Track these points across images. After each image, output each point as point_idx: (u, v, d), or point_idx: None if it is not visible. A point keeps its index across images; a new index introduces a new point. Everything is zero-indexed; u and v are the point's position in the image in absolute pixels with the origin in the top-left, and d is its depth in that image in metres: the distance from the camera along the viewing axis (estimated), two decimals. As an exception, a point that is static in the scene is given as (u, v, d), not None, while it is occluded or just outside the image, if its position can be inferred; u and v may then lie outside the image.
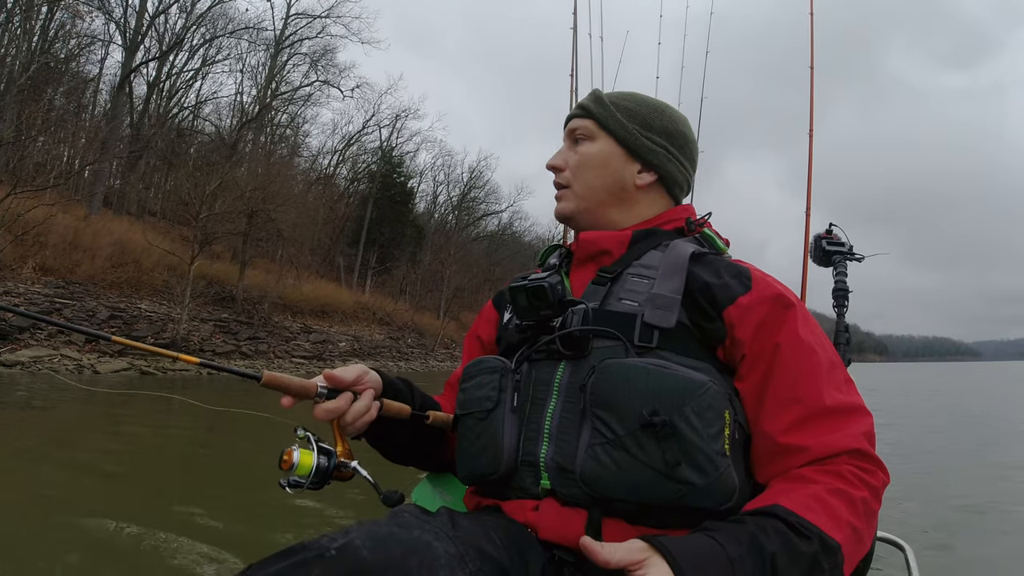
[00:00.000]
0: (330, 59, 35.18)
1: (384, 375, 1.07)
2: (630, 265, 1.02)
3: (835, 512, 0.79)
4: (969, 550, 4.02)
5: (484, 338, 1.21)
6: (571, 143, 1.14)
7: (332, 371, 0.98)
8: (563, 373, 0.95)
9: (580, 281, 1.06)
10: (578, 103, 1.17)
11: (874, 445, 0.88)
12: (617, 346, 0.92)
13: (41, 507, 3.90)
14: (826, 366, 0.91)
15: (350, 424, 0.98)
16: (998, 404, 18.59)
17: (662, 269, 0.99)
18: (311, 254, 33.54)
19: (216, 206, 20.77)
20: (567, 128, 1.16)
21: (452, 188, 47.81)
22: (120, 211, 25.73)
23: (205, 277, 22.34)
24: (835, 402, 0.88)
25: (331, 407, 0.96)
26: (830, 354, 0.94)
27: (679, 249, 1.01)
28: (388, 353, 29.68)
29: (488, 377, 1.01)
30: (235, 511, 4.09)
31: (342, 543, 0.69)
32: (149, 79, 29.38)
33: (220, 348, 19.51)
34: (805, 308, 0.97)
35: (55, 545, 3.25)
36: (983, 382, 36.85)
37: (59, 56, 25.10)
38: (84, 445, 6.10)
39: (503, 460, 0.94)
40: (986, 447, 9.18)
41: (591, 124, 1.12)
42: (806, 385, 0.89)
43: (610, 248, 1.06)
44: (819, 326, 0.98)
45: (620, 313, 0.96)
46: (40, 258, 17.99)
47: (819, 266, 1.91)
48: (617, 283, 1.01)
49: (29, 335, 14.96)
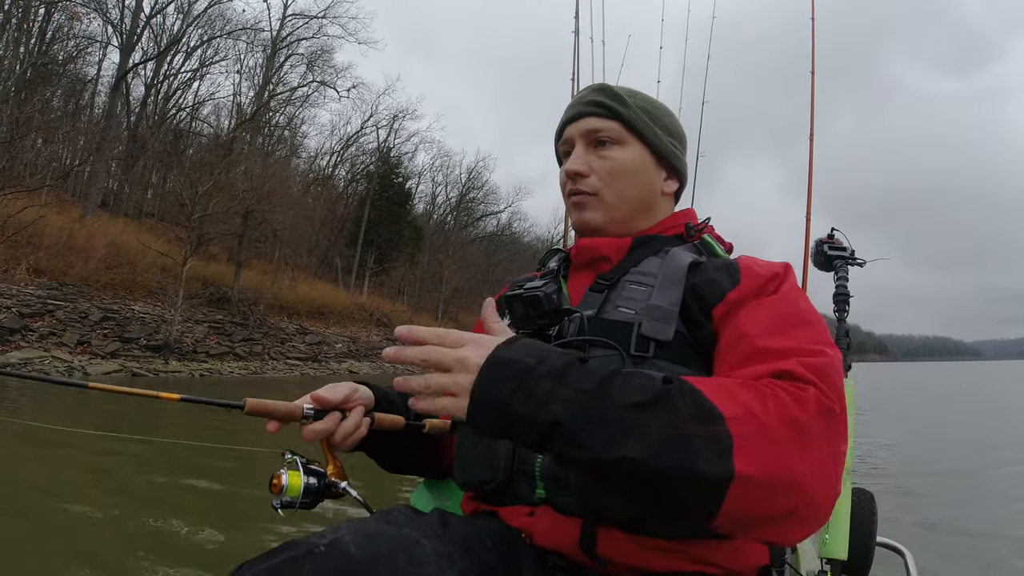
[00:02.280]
0: (327, 60, 35.20)
1: (376, 389, 1.07)
2: (628, 272, 1.01)
3: (729, 391, 0.70)
4: (969, 556, 4.05)
5: None
6: (591, 145, 1.08)
7: (319, 392, 0.98)
8: None
9: (578, 287, 1.05)
10: (590, 99, 1.09)
11: (823, 376, 0.74)
12: (613, 356, 0.89)
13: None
14: (784, 316, 0.85)
15: (340, 443, 0.98)
16: (999, 405, 18.63)
17: (660, 279, 0.96)
18: (309, 255, 33.51)
19: (210, 206, 20.66)
20: (579, 127, 1.08)
21: (451, 189, 47.88)
22: (116, 213, 25.65)
23: (200, 278, 22.26)
24: (776, 344, 0.80)
25: (318, 428, 0.96)
26: (797, 310, 0.87)
27: (678, 259, 0.98)
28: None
29: None
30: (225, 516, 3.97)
31: (331, 539, 0.68)
32: (146, 80, 29.35)
33: (214, 350, 19.38)
34: (794, 281, 0.94)
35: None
36: (984, 382, 36.97)
37: (57, 58, 25.08)
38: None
39: (499, 469, 0.93)
40: (987, 448, 9.16)
41: (619, 127, 1.06)
42: (749, 329, 0.84)
43: (609, 255, 1.04)
44: (806, 298, 0.91)
45: (617, 322, 0.93)
46: (33, 259, 17.89)
47: (820, 271, 1.92)
48: (615, 290, 0.99)
49: (20, 336, 14.84)
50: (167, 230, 25.63)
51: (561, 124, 1.13)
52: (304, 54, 34.51)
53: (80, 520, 3.89)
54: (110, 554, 3.40)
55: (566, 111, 1.13)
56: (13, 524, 3.75)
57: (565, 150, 1.12)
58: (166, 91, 30.77)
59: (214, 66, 32.09)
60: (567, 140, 1.11)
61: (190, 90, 31.91)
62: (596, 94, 1.09)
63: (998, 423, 12.80)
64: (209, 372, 17.71)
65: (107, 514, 4.04)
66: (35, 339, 15.09)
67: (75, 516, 3.96)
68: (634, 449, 0.64)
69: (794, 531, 0.70)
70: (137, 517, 3.98)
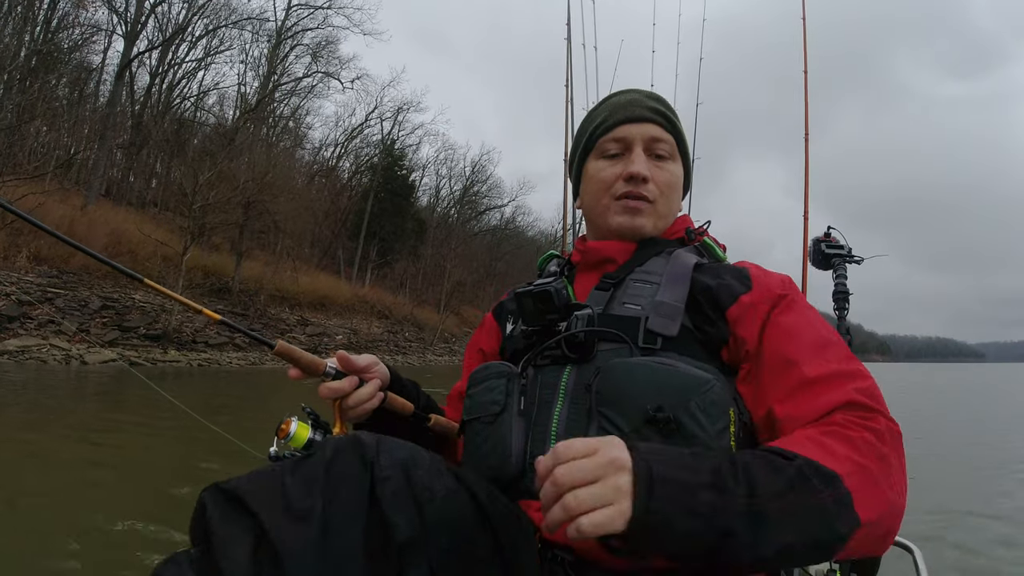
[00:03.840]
0: (332, 51, 35.15)
1: (394, 371, 1.11)
2: (633, 271, 1.03)
3: (829, 448, 0.75)
4: (978, 552, 4.12)
5: (486, 349, 1.21)
6: (649, 154, 1.10)
7: (344, 352, 1.02)
8: (569, 376, 0.95)
9: (584, 287, 1.07)
10: (652, 106, 1.11)
11: (877, 399, 0.84)
12: (622, 348, 0.92)
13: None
14: (815, 341, 0.90)
15: (352, 408, 1.01)
16: (1003, 406, 18.68)
17: (666, 276, 0.99)
18: (311, 247, 33.53)
19: (211, 196, 20.63)
20: (642, 131, 1.09)
21: (454, 182, 47.82)
22: (120, 202, 25.65)
23: (201, 268, 22.25)
24: (821, 371, 0.86)
25: (335, 386, 1.00)
26: (822, 331, 0.92)
27: (683, 258, 1.02)
28: (385, 347, 29.57)
29: (495, 382, 1.01)
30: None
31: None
32: (151, 69, 29.31)
33: (213, 340, 19.36)
34: (802, 297, 0.98)
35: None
36: (986, 384, 37.11)
37: (62, 46, 25.06)
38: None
39: (511, 463, 0.94)
40: (990, 448, 9.21)
41: (674, 143, 1.11)
42: (792, 355, 0.88)
43: (614, 256, 1.07)
44: (817, 313, 0.97)
45: (624, 317, 0.96)
46: (34, 247, 17.88)
47: (819, 269, 1.92)
48: (620, 288, 1.02)
49: (19, 324, 14.83)
50: (169, 219, 25.65)
51: (614, 120, 1.10)
52: (309, 45, 34.52)
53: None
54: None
55: (617, 108, 1.11)
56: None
57: (615, 150, 1.10)
58: (170, 80, 30.77)
59: (219, 56, 32.09)
60: (623, 140, 1.09)
61: (194, 79, 31.96)
62: (656, 102, 1.11)
63: (1006, 421, 12.90)
64: (207, 362, 17.68)
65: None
66: (33, 327, 15.07)
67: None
68: (791, 535, 0.68)
69: (886, 544, 0.77)
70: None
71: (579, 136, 1.18)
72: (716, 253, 1.10)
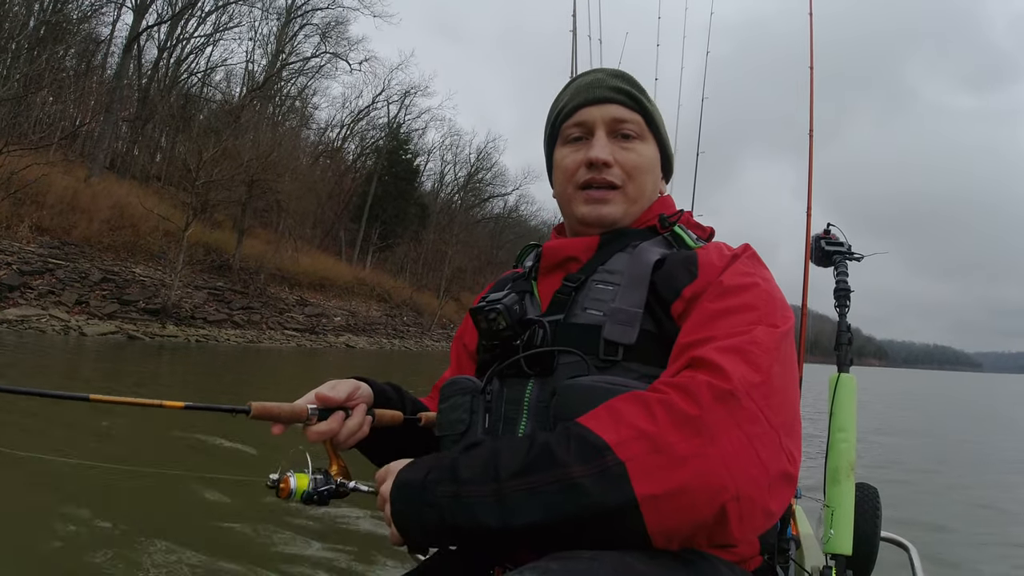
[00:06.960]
0: (341, 31, 34.98)
1: (373, 384, 1.06)
2: (596, 271, 0.98)
3: (618, 414, 0.71)
4: (973, 550, 4.16)
5: (469, 345, 1.18)
6: (614, 136, 1.03)
7: (322, 391, 0.96)
8: (532, 391, 0.92)
9: (547, 289, 1.02)
10: (614, 85, 1.04)
11: (738, 354, 0.74)
12: (581, 362, 0.88)
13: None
14: (718, 312, 0.81)
15: (344, 443, 0.98)
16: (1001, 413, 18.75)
17: (626, 278, 0.94)
18: (313, 227, 33.46)
19: (214, 173, 20.59)
20: (603, 112, 1.03)
21: (459, 168, 47.70)
22: (124, 175, 25.59)
23: (203, 245, 22.24)
24: (696, 336, 0.80)
25: (324, 429, 0.95)
26: (736, 299, 0.83)
27: (644, 256, 0.96)
28: (383, 330, 29.62)
29: (460, 399, 0.98)
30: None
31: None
32: (159, 43, 29.15)
33: (212, 316, 19.39)
34: (747, 264, 0.89)
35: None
36: (980, 394, 37.21)
37: (71, 17, 24.91)
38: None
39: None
40: (990, 450, 9.28)
41: (642, 121, 1.04)
42: (688, 324, 0.83)
43: (577, 255, 1.01)
44: (761, 290, 0.85)
45: (585, 326, 0.91)
46: (37, 218, 17.91)
47: (820, 267, 1.89)
48: (582, 291, 0.96)
49: (19, 294, 14.85)
50: (172, 195, 25.60)
51: (575, 104, 1.05)
52: (318, 24, 34.41)
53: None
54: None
55: (579, 91, 1.05)
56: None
57: (577, 134, 1.05)
58: (178, 55, 30.63)
59: (227, 32, 31.98)
60: (583, 123, 1.04)
61: (202, 55, 31.85)
62: (619, 80, 1.04)
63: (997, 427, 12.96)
64: (205, 339, 17.70)
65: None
66: (33, 297, 15.10)
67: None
68: (538, 514, 0.67)
69: (735, 530, 0.67)
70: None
71: (546, 123, 1.13)
72: (686, 242, 1.01)
